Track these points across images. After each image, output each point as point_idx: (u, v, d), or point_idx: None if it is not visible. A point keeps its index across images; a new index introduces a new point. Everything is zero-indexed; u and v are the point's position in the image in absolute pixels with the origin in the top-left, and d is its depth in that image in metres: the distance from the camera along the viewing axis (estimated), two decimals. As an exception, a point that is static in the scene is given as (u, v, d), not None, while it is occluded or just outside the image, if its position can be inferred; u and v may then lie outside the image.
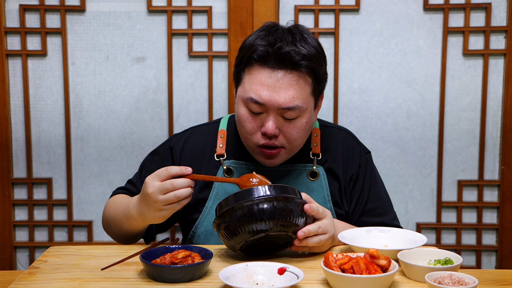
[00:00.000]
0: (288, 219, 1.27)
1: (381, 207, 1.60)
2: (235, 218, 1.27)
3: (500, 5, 2.24)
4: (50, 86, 2.30)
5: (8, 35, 2.28)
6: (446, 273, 1.14)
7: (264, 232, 1.26)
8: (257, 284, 1.17)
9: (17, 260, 2.38)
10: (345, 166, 1.58)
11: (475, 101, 2.29)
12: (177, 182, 1.32)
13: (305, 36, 1.44)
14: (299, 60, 1.40)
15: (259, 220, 1.25)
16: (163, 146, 1.66)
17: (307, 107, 1.44)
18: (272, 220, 1.26)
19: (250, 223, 1.25)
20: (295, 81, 1.41)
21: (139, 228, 1.48)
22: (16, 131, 2.32)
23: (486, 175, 2.33)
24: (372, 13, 2.26)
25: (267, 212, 1.25)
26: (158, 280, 1.20)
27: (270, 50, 1.40)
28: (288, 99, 1.40)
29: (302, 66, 1.40)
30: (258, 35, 1.45)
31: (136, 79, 2.30)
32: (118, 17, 2.28)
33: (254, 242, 1.29)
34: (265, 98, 1.40)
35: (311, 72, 1.43)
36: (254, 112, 1.44)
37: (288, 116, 1.43)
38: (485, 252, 2.37)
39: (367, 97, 2.29)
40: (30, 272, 1.26)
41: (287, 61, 1.40)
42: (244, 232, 1.26)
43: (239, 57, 1.48)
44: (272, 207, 1.26)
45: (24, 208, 2.37)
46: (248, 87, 1.43)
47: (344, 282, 1.13)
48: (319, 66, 1.45)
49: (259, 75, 1.42)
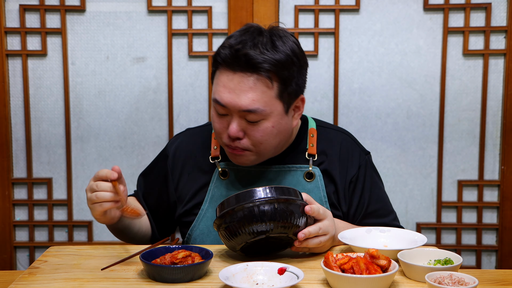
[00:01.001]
0: (289, 220, 1.27)
1: (383, 208, 1.60)
2: (236, 219, 1.26)
3: (500, 5, 2.24)
4: (50, 86, 2.30)
5: (8, 35, 2.28)
6: (446, 273, 1.14)
7: (265, 233, 1.26)
8: (257, 284, 1.17)
9: (17, 260, 2.38)
10: (343, 168, 1.57)
11: (475, 101, 2.29)
12: (100, 184, 1.37)
13: (274, 39, 1.42)
14: (258, 63, 1.38)
15: (260, 221, 1.25)
16: (160, 156, 1.67)
17: (271, 111, 1.42)
18: (273, 222, 1.26)
19: (251, 224, 1.25)
20: (254, 84, 1.39)
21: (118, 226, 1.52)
22: (16, 131, 2.33)
23: (486, 175, 2.33)
24: (372, 13, 2.26)
25: (268, 213, 1.25)
26: (158, 280, 1.20)
27: (233, 52, 1.40)
28: (248, 101, 1.39)
29: (262, 69, 1.38)
30: (233, 35, 1.46)
31: (136, 79, 2.30)
32: (118, 17, 2.28)
33: (255, 242, 1.29)
34: (226, 100, 1.40)
35: (274, 76, 1.40)
36: (220, 114, 1.44)
37: (251, 119, 1.41)
38: (485, 252, 2.37)
39: (367, 97, 2.29)
40: (30, 272, 1.26)
41: (246, 63, 1.38)
42: (245, 233, 1.26)
43: (213, 58, 1.49)
44: (273, 208, 1.26)
45: (24, 208, 2.37)
46: (215, 88, 1.44)
47: (344, 282, 1.13)
48: (287, 70, 1.41)
49: (222, 77, 1.42)
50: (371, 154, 1.65)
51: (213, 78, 1.49)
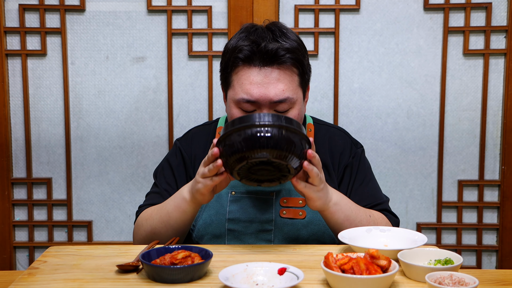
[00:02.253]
0: (293, 149, 1.29)
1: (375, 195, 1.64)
2: (241, 137, 1.29)
3: (500, 4, 2.24)
4: (49, 86, 2.30)
5: (8, 35, 2.28)
6: (447, 273, 1.14)
7: (267, 157, 1.28)
8: (257, 285, 1.17)
9: (17, 260, 2.38)
10: (336, 160, 1.63)
11: (476, 101, 2.29)
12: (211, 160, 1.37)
13: (284, 31, 1.51)
14: (284, 54, 1.47)
15: (265, 143, 1.28)
16: (171, 152, 1.72)
17: (297, 98, 1.51)
18: (276, 148, 1.28)
19: (255, 146, 1.28)
20: (283, 74, 1.48)
21: (189, 214, 1.49)
22: (16, 131, 2.32)
23: (486, 175, 2.33)
24: (372, 13, 2.26)
25: (275, 137, 1.28)
26: (158, 280, 1.20)
27: (254, 49, 1.47)
28: (279, 92, 1.47)
29: (288, 59, 1.47)
30: (239, 37, 1.52)
31: (136, 79, 2.30)
32: (118, 17, 2.27)
33: (253, 165, 1.31)
34: (256, 95, 1.47)
35: (297, 64, 1.50)
36: (248, 111, 1.50)
37: (281, 109, 1.49)
38: (486, 252, 2.37)
39: (367, 97, 2.29)
40: (30, 273, 1.26)
41: (273, 57, 1.46)
42: (248, 153, 1.28)
43: (224, 61, 1.55)
44: (281, 133, 1.29)
45: (24, 208, 2.37)
46: (239, 88, 1.49)
47: (344, 282, 1.12)
48: (303, 57, 1.52)
49: (247, 75, 1.48)
50: (366, 147, 1.74)
51: (226, 82, 1.54)
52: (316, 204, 1.41)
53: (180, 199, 1.48)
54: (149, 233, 1.55)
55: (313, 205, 1.41)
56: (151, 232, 1.54)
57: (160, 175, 1.68)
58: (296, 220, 1.56)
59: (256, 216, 1.56)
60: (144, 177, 2.33)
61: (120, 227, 2.37)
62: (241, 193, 1.59)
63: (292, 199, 1.57)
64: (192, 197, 1.44)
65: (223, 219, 1.57)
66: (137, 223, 1.60)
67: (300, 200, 1.57)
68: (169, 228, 1.51)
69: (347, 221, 1.48)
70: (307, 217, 1.56)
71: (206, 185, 1.38)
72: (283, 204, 1.56)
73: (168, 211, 1.51)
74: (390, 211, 1.64)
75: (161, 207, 1.54)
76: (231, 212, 1.57)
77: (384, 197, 1.67)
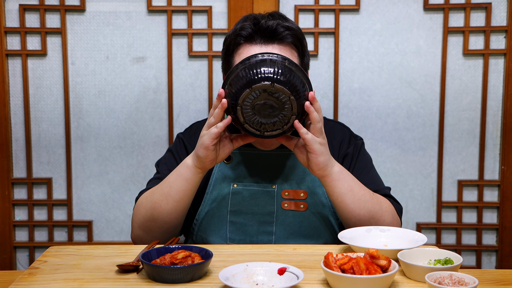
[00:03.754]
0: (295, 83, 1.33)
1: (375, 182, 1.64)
2: (247, 65, 1.34)
3: (500, 5, 2.24)
4: (50, 86, 2.30)
5: (8, 35, 2.28)
6: (446, 273, 1.14)
7: (271, 79, 1.31)
8: (257, 285, 1.17)
9: (17, 260, 2.38)
10: (335, 151, 1.64)
11: (475, 101, 2.29)
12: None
13: (283, 16, 1.58)
14: (283, 31, 1.51)
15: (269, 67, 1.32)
16: (173, 144, 1.72)
17: None
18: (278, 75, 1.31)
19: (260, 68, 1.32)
20: (283, 51, 1.51)
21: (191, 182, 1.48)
22: (16, 131, 2.32)
23: (486, 175, 2.33)
24: (372, 13, 2.26)
25: (279, 66, 1.32)
26: (158, 280, 1.20)
27: (256, 27, 1.52)
28: None
29: (287, 36, 1.51)
30: (238, 22, 1.58)
31: (136, 79, 2.30)
32: (118, 17, 2.27)
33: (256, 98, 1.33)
34: None
35: (296, 43, 1.54)
36: None
37: None
38: (485, 252, 2.37)
39: (367, 97, 2.29)
40: (30, 273, 1.26)
41: (274, 33, 1.50)
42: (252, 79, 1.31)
43: (226, 45, 1.58)
44: (284, 66, 1.33)
45: (24, 208, 2.37)
46: None
47: (344, 282, 1.13)
48: (302, 38, 1.56)
49: (249, 52, 1.50)
50: (364, 142, 1.73)
51: (228, 66, 1.57)
52: (319, 159, 1.39)
53: (183, 166, 1.47)
54: (149, 209, 1.51)
55: (316, 161, 1.39)
56: (151, 208, 1.50)
57: (163, 163, 1.66)
58: (298, 212, 1.57)
59: (257, 208, 1.57)
60: (144, 177, 2.33)
61: (120, 227, 2.37)
62: (243, 185, 1.60)
63: (293, 191, 1.58)
64: (195, 159, 1.43)
65: (225, 211, 1.58)
66: (137, 203, 1.57)
67: (302, 192, 1.58)
68: (170, 200, 1.48)
69: (350, 192, 1.45)
70: (309, 209, 1.57)
71: (211, 135, 1.38)
72: (284, 196, 1.58)
73: (169, 182, 1.48)
74: (392, 197, 1.62)
75: (163, 181, 1.52)
76: (233, 204, 1.58)
77: (386, 186, 1.66)
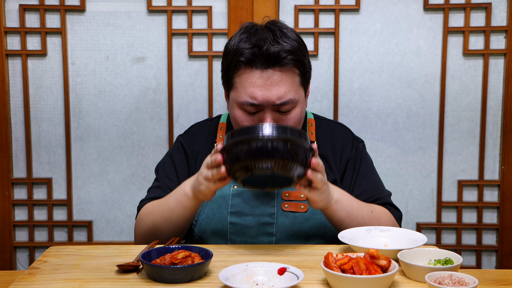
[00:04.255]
0: (297, 160, 1.30)
1: (377, 188, 1.67)
2: (245, 150, 1.29)
3: (500, 5, 2.24)
4: (50, 86, 2.30)
5: (8, 35, 2.28)
6: (446, 273, 1.14)
7: (271, 169, 1.28)
8: (257, 285, 1.17)
9: (17, 260, 2.38)
10: (337, 153, 1.66)
11: (475, 101, 2.29)
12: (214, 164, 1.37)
13: (284, 31, 1.52)
14: (285, 56, 1.48)
15: (269, 157, 1.27)
16: (173, 147, 1.74)
17: (299, 98, 1.53)
18: (281, 160, 1.28)
19: (260, 158, 1.28)
20: (285, 76, 1.49)
21: (190, 210, 1.50)
22: (16, 131, 2.32)
23: (486, 175, 2.33)
24: (372, 13, 2.26)
25: (280, 151, 1.28)
26: (158, 280, 1.20)
27: (256, 52, 1.48)
28: (281, 94, 1.49)
29: (289, 61, 1.49)
30: (240, 38, 1.53)
31: (136, 79, 2.30)
32: (118, 17, 2.27)
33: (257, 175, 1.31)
34: (259, 98, 1.49)
35: (298, 65, 1.51)
36: (251, 112, 1.52)
37: (284, 110, 1.51)
38: (485, 252, 2.37)
39: (367, 97, 2.29)
40: (30, 273, 1.26)
41: (275, 59, 1.48)
42: (252, 167, 1.29)
43: (226, 62, 1.56)
44: (285, 147, 1.28)
45: (24, 208, 2.37)
46: (242, 91, 1.51)
47: (344, 282, 1.13)
48: (303, 57, 1.53)
49: (250, 78, 1.49)
50: (365, 144, 1.75)
51: (229, 83, 1.56)
52: (319, 205, 1.43)
53: (182, 195, 1.49)
54: (151, 228, 1.55)
55: (316, 206, 1.43)
56: (153, 227, 1.55)
57: (162, 170, 1.70)
58: (298, 214, 1.57)
59: (258, 210, 1.58)
60: (144, 177, 2.33)
61: (120, 227, 2.37)
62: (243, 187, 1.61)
63: (294, 192, 1.58)
64: (194, 194, 1.46)
65: (226, 212, 1.58)
66: (139, 218, 1.61)
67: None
68: (171, 224, 1.52)
69: (348, 218, 1.49)
70: (309, 210, 1.58)
71: (209, 188, 1.39)
72: (285, 198, 1.58)
73: (170, 207, 1.51)
74: (392, 204, 1.66)
75: (163, 202, 1.55)
76: (233, 206, 1.58)
77: (387, 191, 1.69)
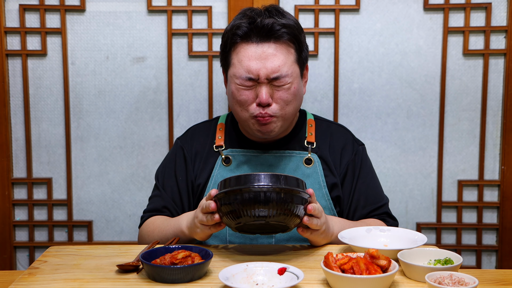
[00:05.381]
0: (292, 211, 1.28)
1: (376, 195, 1.70)
2: (239, 200, 1.27)
3: (500, 5, 2.24)
4: (50, 86, 2.30)
5: (8, 35, 2.28)
6: (446, 273, 1.14)
7: (265, 218, 1.27)
8: (257, 285, 1.17)
9: (17, 260, 2.38)
10: (338, 156, 1.68)
11: (475, 101, 2.29)
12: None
13: (280, 11, 1.59)
14: (279, 29, 1.53)
15: (263, 205, 1.26)
16: (172, 151, 1.77)
17: (293, 73, 1.56)
18: (275, 209, 1.27)
19: (254, 207, 1.27)
20: (279, 50, 1.54)
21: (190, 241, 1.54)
22: (16, 131, 2.32)
23: (486, 175, 2.33)
24: (372, 13, 2.26)
25: (273, 201, 1.26)
26: (158, 280, 1.20)
27: (251, 26, 1.54)
28: (275, 68, 1.53)
29: (284, 35, 1.54)
30: (236, 18, 1.60)
31: (136, 79, 2.30)
32: (118, 17, 2.27)
33: (251, 224, 1.31)
34: (255, 71, 1.53)
35: (293, 40, 1.56)
36: (247, 86, 1.55)
37: (278, 83, 1.54)
38: (485, 252, 2.37)
39: (367, 97, 2.29)
40: (30, 273, 1.26)
41: (269, 32, 1.53)
42: (246, 215, 1.28)
43: (223, 42, 1.62)
44: (279, 197, 1.26)
45: (24, 208, 2.37)
46: (239, 65, 1.55)
47: (344, 282, 1.13)
48: (299, 34, 1.58)
49: (246, 52, 1.54)
50: (366, 146, 1.77)
51: (226, 61, 1.61)
52: (321, 243, 1.46)
53: (179, 231, 1.51)
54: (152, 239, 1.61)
55: (318, 245, 1.46)
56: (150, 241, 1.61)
57: (162, 177, 1.73)
58: None
59: None
60: (144, 177, 2.33)
61: (120, 227, 2.37)
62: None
63: None
64: (190, 234, 1.48)
65: None
66: (140, 233, 1.67)
67: None
68: None
69: None
70: None
71: (204, 232, 1.41)
72: None
73: (168, 238, 1.55)
74: (390, 214, 1.70)
75: (161, 230, 1.58)
76: None
77: (385, 198, 1.72)
